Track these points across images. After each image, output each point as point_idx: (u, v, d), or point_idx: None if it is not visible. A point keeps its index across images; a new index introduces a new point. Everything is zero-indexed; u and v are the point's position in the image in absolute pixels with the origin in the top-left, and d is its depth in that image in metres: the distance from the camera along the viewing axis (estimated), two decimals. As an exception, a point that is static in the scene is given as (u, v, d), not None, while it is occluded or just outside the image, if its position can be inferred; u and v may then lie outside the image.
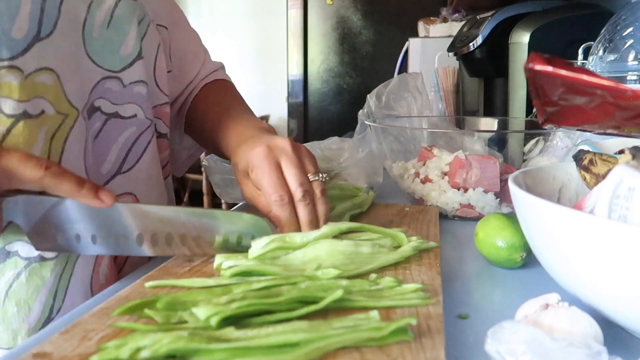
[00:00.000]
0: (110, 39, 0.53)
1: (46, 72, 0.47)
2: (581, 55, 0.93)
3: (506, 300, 0.49)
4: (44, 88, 0.47)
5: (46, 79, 0.47)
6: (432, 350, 0.33)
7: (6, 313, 0.46)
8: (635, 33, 0.77)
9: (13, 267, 0.47)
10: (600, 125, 0.42)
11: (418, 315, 0.38)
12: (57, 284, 0.49)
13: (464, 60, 1.39)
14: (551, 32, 1.11)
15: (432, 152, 0.77)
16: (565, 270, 0.40)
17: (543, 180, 0.53)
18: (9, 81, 0.44)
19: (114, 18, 0.53)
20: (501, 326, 0.33)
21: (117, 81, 0.55)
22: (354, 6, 3.09)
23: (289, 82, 3.26)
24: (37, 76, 0.46)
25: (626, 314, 0.37)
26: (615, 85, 0.35)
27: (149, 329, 0.34)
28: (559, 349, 0.30)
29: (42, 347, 0.33)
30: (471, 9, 1.79)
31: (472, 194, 0.71)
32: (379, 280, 0.43)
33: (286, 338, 0.32)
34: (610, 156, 0.50)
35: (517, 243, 0.52)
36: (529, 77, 0.38)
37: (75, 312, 0.44)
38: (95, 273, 0.53)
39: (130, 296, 0.41)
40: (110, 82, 0.54)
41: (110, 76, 0.54)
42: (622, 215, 0.39)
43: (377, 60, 3.09)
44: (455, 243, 0.63)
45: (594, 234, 0.35)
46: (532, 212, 0.42)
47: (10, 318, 0.46)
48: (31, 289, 0.47)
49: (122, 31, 0.54)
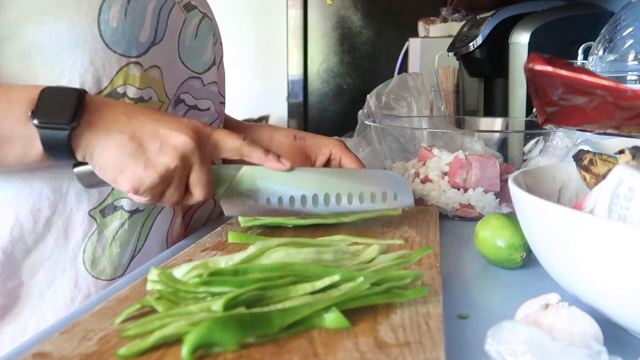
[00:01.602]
0: (195, 47, 0.67)
1: (156, 69, 0.60)
2: (581, 55, 0.93)
3: (506, 300, 0.49)
4: (153, 81, 0.60)
5: (155, 74, 0.60)
6: (432, 350, 0.33)
7: (112, 253, 0.58)
8: (635, 33, 0.77)
9: (119, 217, 0.59)
10: (600, 125, 0.42)
11: (418, 315, 0.38)
12: (140, 231, 0.61)
13: (464, 60, 1.39)
14: (551, 32, 1.11)
15: (432, 152, 0.77)
16: (565, 270, 0.40)
17: (543, 180, 0.53)
18: (134, 73, 0.57)
19: (199, 32, 0.67)
20: (501, 326, 0.33)
21: (199, 81, 0.68)
22: (354, 6, 3.09)
23: (289, 82, 3.25)
24: (150, 71, 0.59)
25: (626, 313, 0.37)
26: (615, 85, 0.35)
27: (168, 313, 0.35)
28: (559, 349, 0.30)
29: (42, 347, 0.33)
30: (471, 9, 1.79)
31: (472, 194, 0.71)
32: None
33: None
34: (610, 156, 0.50)
35: (517, 243, 0.52)
36: (529, 77, 0.38)
37: (75, 312, 0.44)
38: (171, 228, 0.65)
39: (131, 296, 0.41)
40: (193, 81, 0.67)
41: (194, 76, 0.67)
42: (622, 215, 0.39)
43: (377, 60, 3.09)
44: (455, 243, 0.63)
45: (594, 234, 0.35)
46: (532, 212, 0.42)
47: (115, 256, 0.59)
48: (129, 234, 0.60)
49: (204, 42, 0.69)
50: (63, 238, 0.56)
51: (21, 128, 0.47)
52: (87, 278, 0.57)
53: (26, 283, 0.55)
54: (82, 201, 0.56)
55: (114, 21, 0.54)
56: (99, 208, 0.57)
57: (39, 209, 0.55)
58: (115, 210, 0.58)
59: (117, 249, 0.58)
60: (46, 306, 0.56)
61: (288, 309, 0.35)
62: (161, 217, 0.63)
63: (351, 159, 0.73)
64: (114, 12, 0.54)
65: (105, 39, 0.54)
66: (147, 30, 0.58)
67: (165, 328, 0.33)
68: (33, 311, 0.55)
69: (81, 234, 0.57)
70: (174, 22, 0.63)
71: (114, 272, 0.59)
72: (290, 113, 3.29)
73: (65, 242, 0.56)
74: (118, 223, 0.59)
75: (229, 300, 0.35)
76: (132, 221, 0.60)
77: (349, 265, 0.44)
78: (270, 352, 0.33)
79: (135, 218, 0.60)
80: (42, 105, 0.47)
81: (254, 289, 0.36)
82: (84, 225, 0.57)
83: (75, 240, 0.57)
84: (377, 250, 0.47)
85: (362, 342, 0.34)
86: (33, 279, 0.55)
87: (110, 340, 0.34)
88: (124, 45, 0.55)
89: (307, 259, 0.43)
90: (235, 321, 0.33)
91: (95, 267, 0.58)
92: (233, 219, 0.66)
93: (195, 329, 0.32)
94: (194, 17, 0.67)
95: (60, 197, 0.55)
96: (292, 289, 0.37)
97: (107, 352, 0.33)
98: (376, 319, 0.37)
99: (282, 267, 0.39)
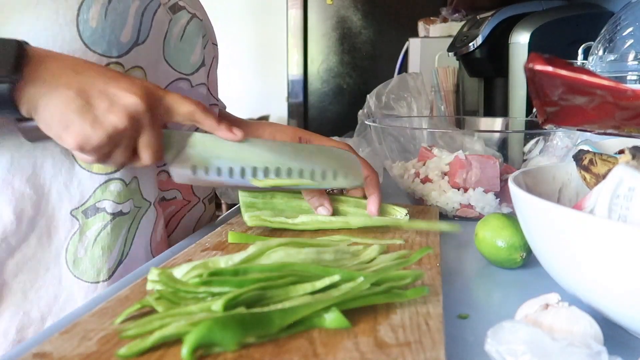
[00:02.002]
0: (183, 49, 0.66)
1: (138, 70, 0.58)
2: (581, 55, 0.93)
3: (506, 300, 0.49)
4: None
5: (138, 75, 0.58)
6: (432, 350, 0.33)
7: (93, 255, 0.58)
8: (635, 33, 0.77)
9: (101, 219, 0.58)
10: (600, 125, 0.42)
11: (418, 315, 0.38)
12: (127, 235, 0.60)
13: (464, 60, 1.39)
14: (551, 32, 1.11)
15: (432, 152, 0.77)
16: (565, 270, 0.40)
17: (543, 180, 0.53)
18: None
19: (186, 33, 0.66)
20: (501, 326, 0.33)
21: (187, 82, 0.67)
22: (354, 6, 3.09)
23: (289, 82, 3.26)
24: (132, 72, 0.58)
25: (626, 313, 0.37)
26: (615, 85, 0.35)
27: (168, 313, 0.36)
28: (559, 349, 0.30)
29: (42, 347, 0.33)
30: (471, 9, 1.79)
31: (472, 194, 0.71)
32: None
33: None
34: (610, 156, 0.50)
35: (517, 243, 0.52)
36: (529, 77, 0.38)
37: (75, 312, 0.44)
38: (154, 232, 0.64)
39: (131, 296, 0.41)
40: (182, 83, 0.67)
41: (182, 78, 0.66)
42: (622, 215, 0.39)
43: (377, 60, 3.09)
44: (455, 243, 0.63)
45: (594, 234, 0.35)
46: (532, 212, 0.42)
47: (96, 259, 0.58)
48: (112, 237, 0.59)
49: (192, 43, 0.67)
50: (46, 237, 0.56)
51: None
52: (70, 277, 0.57)
53: (8, 283, 0.55)
54: (63, 200, 0.56)
55: (93, 21, 0.54)
56: (80, 208, 0.57)
57: (21, 209, 0.54)
58: (98, 212, 0.58)
59: (98, 251, 0.58)
60: (29, 305, 0.56)
61: (288, 309, 0.35)
62: (145, 220, 0.63)
63: (362, 163, 0.72)
64: (93, 12, 0.54)
65: (85, 39, 0.53)
66: (129, 30, 0.57)
67: (165, 328, 0.33)
68: (16, 311, 0.55)
69: (64, 233, 0.57)
70: (159, 22, 0.62)
71: (97, 276, 0.58)
72: (290, 113, 3.29)
73: (48, 241, 0.56)
74: (100, 225, 0.58)
75: (229, 300, 0.35)
76: (115, 224, 0.59)
77: (349, 265, 0.44)
78: (270, 352, 0.33)
79: (119, 221, 0.59)
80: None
81: (254, 289, 0.36)
82: (66, 225, 0.57)
83: (58, 239, 0.57)
84: (377, 250, 0.47)
85: (362, 342, 0.34)
86: (16, 277, 0.55)
87: (110, 340, 0.34)
88: (104, 46, 0.55)
89: (307, 259, 0.43)
90: (235, 321, 0.33)
91: (77, 267, 0.57)
92: (233, 219, 0.66)
93: (195, 329, 0.32)
94: (181, 18, 0.66)
95: (42, 196, 0.55)
96: (292, 289, 0.37)
97: (107, 352, 0.33)
98: (376, 319, 0.37)
99: (282, 267, 0.39)
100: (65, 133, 0.47)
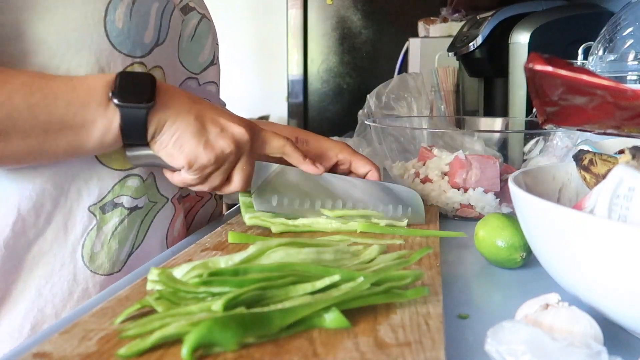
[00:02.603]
0: (193, 48, 0.69)
1: (158, 70, 0.61)
2: (581, 55, 0.93)
3: (506, 300, 0.49)
4: None
5: (158, 74, 0.61)
6: (432, 350, 0.33)
7: (110, 248, 0.60)
8: (635, 33, 0.77)
9: (119, 214, 0.60)
10: (600, 125, 0.42)
11: (418, 315, 0.38)
12: (139, 228, 0.62)
13: (464, 60, 1.38)
14: (551, 32, 1.11)
15: (432, 152, 0.77)
16: (565, 270, 0.40)
17: (543, 180, 0.53)
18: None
19: (196, 33, 0.69)
20: (501, 326, 0.33)
21: (195, 81, 0.71)
22: (354, 6, 3.09)
23: (289, 82, 3.25)
24: (153, 71, 0.60)
25: (626, 313, 0.37)
26: (615, 85, 0.35)
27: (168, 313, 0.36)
28: (559, 349, 0.30)
29: (42, 347, 0.33)
30: (471, 9, 1.79)
31: (472, 194, 0.71)
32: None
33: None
34: (610, 156, 0.50)
35: (517, 243, 0.52)
36: (529, 77, 0.38)
37: (75, 312, 0.44)
38: (171, 227, 0.66)
39: (131, 296, 0.41)
40: (191, 82, 0.70)
41: (192, 77, 0.70)
42: (622, 215, 0.39)
43: (377, 60, 3.09)
44: (455, 243, 0.63)
45: (594, 234, 0.35)
46: (532, 212, 0.42)
47: (113, 252, 0.60)
48: (128, 230, 0.61)
49: (201, 43, 0.71)
50: (63, 232, 0.57)
51: (102, 110, 0.51)
52: (86, 272, 0.58)
53: (23, 278, 0.56)
54: (82, 197, 0.57)
55: (119, 22, 0.56)
56: (99, 204, 0.58)
57: (41, 204, 0.55)
58: (115, 207, 0.59)
59: (115, 245, 0.60)
60: (44, 301, 0.56)
61: (288, 309, 0.35)
62: (162, 215, 0.64)
63: (363, 161, 0.73)
64: (119, 14, 0.55)
65: (112, 39, 0.55)
66: (151, 31, 0.59)
67: (165, 328, 0.33)
68: (31, 307, 0.56)
69: (81, 229, 0.58)
70: (175, 24, 0.64)
71: (112, 268, 0.60)
72: (290, 113, 3.29)
73: (64, 237, 0.57)
74: (117, 220, 0.60)
75: (229, 300, 0.35)
76: (131, 218, 0.61)
77: (349, 265, 0.44)
78: (270, 352, 0.33)
79: (134, 215, 0.61)
80: (121, 87, 0.51)
81: (254, 289, 0.36)
82: (84, 221, 0.58)
83: (75, 235, 0.57)
84: (377, 250, 0.47)
85: (362, 342, 0.34)
86: (32, 273, 0.56)
87: (110, 340, 0.34)
88: (129, 46, 0.57)
89: (307, 259, 0.43)
90: (235, 321, 0.33)
91: (93, 262, 0.58)
92: (233, 219, 0.66)
93: (195, 329, 0.32)
94: (192, 18, 0.69)
95: (62, 192, 0.56)
96: (292, 289, 0.37)
97: (107, 352, 0.33)
98: (376, 319, 0.37)
99: (282, 267, 0.39)
100: (179, 151, 0.54)
